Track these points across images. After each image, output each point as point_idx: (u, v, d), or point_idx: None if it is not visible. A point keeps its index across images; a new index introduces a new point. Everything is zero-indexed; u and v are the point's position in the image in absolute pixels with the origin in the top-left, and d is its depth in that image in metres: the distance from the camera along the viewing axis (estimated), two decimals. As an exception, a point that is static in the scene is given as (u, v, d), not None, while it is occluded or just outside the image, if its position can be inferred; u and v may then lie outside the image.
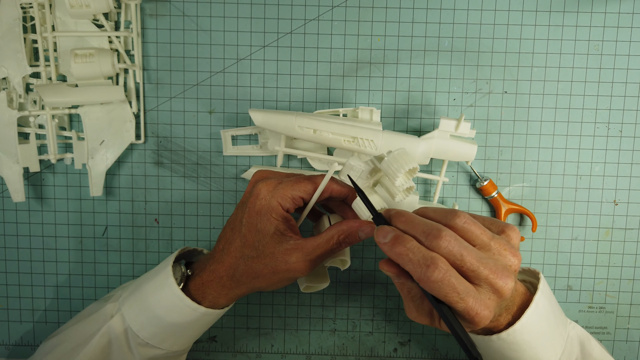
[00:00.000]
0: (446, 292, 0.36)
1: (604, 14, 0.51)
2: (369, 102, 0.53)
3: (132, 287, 0.46)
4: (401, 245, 0.37)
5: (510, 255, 0.38)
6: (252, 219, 0.42)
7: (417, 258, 0.36)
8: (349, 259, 0.45)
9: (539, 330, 0.40)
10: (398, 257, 0.37)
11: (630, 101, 0.52)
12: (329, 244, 0.42)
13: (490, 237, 0.38)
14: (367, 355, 0.56)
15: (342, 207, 0.46)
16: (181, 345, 0.46)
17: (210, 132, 0.53)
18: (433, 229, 0.37)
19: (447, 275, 0.35)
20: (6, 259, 0.55)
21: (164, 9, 0.52)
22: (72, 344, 0.45)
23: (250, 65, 0.52)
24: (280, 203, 0.41)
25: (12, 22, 0.50)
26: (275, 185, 0.42)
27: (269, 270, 0.42)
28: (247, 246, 0.42)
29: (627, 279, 0.54)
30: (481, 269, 0.36)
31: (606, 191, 0.53)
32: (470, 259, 0.36)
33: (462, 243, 0.37)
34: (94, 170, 0.51)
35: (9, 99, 0.50)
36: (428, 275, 0.35)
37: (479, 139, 0.53)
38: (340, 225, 0.42)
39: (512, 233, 0.40)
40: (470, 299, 0.36)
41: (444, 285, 0.35)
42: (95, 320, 0.45)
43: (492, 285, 0.37)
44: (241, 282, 0.43)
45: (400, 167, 0.39)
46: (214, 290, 0.44)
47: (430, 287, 0.36)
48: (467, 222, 0.38)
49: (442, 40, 0.52)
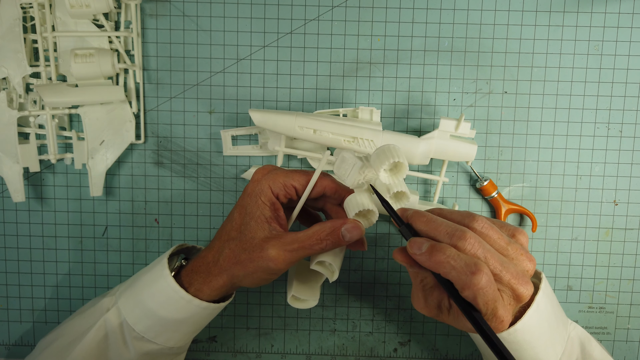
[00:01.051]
0: (486, 298, 0.35)
1: (604, 14, 0.51)
2: (369, 102, 0.53)
3: (129, 281, 0.46)
4: (440, 253, 0.35)
5: (527, 260, 0.38)
6: (243, 200, 0.42)
7: (460, 265, 0.35)
8: (339, 269, 0.42)
9: (539, 330, 0.40)
10: (439, 266, 0.36)
11: (630, 101, 0.52)
12: (309, 239, 0.40)
13: (507, 241, 0.38)
14: (367, 355, 0.56)
15: (340, 214, 0.44)
16: (176, 341, 0.45)
17: (210, 132, 0.53)
18: (457, 230, 0.36)
19: (490, 281, 0.35)
20: (6, 259, 0.55)
21: (164, 9, 0.52)
22: (69, 339, 0.45)
23: (250, 65, 0.52)
24: (270, 186, 0.41)
25: (12, 22, 0.50)
26: (269, 170, 0.42)
27: (247, 257, 0.41)
28: (234, 229, 0.42)
29: (627, 279, 0.54)
30: (504, 272, 0.36)
31: (606, 191, 0.53)
32: (494, 262, 0.36)
33: (485, 246, 0.36)
34: (94, 170, 0.51)
35: (9, 99, 0.50)
36: (475, 282, 0.34)
37: (479, 139, 0.53)
38: (325, 223, 0.40)
39: (523, 237, 0.39)
40: (500, 306, 0.36)
41: (488, 291, 0.35)
42: (92, 314, 0.45)
43: (514, 291, 0.36)
44: (223, 268, 0.42)
45: (384, 159, 0.38)
46: (200, 277, 0.43)
47: (474, 294, 0.35)
48: (486, 226, 0.37)
49: (442, 41, 0.52)
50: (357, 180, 0.40)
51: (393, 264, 0.55)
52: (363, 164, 0.40)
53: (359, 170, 0.39)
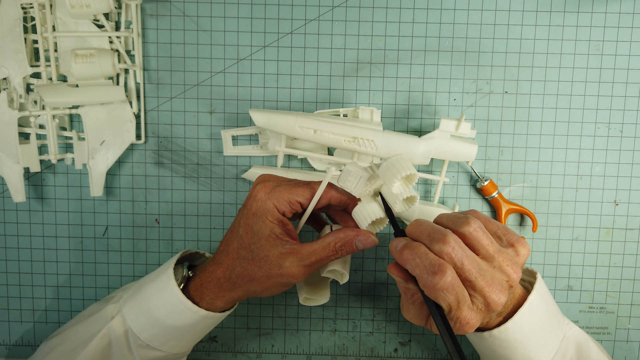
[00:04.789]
0: (448, 300, 0.36)
1: (604, 14, 0.51)
2: (369, 102, 0.53)
3: (133, 288, 0.46)
4: (409, 250, 0.37)
5: (511, 271, 0.38)
6: (248, 220, 0.42)
7: (424, 264, 0.36)
8: (348, 272, 0.44)
9: (531, 329, 0.41)
10: (406, 262, 0.37)
11: (631, 101, 0.52)
12: (324, 251, 0.41)
13: (497, 250, 0.38)
14: (368, 355, 0.56)
15: (344, 217, 0.45)
16: (182, 347, 0.46)
17: (211, 133, 0.53)
18: (438, 234, 0.37)
19: (452, 284, 0.35)
20: (7, 259, 0.55)
21: (165, 9, 0.52)
22: (72, 345, 0.45)
23: (251, 65, 0.52)
24: (276, 205, 0.41)
25: (13, 23, 0.50)
26: (272, 188, 0.42)
27: (263, 274, 0.41)
28: (244, 247, 0.42)
29: (627, 279, 0.54)
30: (479, 280, 0.37)
31: (607, 191, 0.53)
32: (470, 268, 0.36)
33: (465, 251, 0.37)
34: (94, 171, 0.51)
35: (10, 99, 0.50)
36: (434, 282, 0.35)
37: (480, 139, 0.53)
38: (337, 233, 0.41)
39: (522, 249, 0.39)
40: (465, 309, 0.37)
41: (448, 293, 0.36)
42: (96, 321, 0.45)
43: (485, 298, 0.37)
44: (237, 285, 0.43)
45: (397, 173, 0.39)
46: (212, 292, 0.44)
47: (435, 295, 0.36)
48: (476, 230, 0.38)
49: (442, 41, 0.52)
50: (365, 191, 0.41)
51: (393, 264, 0.55)
52: (369, 174, 0.40)
53: (366, 181, 0.40)
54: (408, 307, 0.41)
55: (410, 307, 0.41)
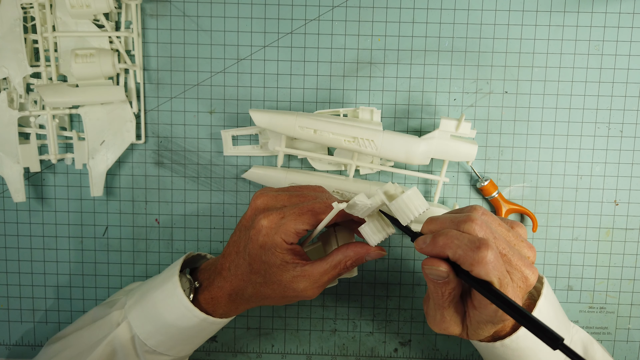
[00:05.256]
0: (497, 274, 0.34)
1: (604, 14, 0.51)
2: (369, 102, 0.53)
3: (137, 294, 0.46)
4: (443, 237, 0.35)
5: (526, 248, 0.38)
6: (255, 251, 0.41)
7: (464, 242, 0.34)
8: (356, 269, 0.44)
9: None
10: (445, 248, 0.35)
11: (631, 101, 0.52)
12: (336, 270, 0.41)
13: (507, 228, 0.38)
14: (368, 355, 0.56)
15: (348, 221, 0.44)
16: (188, 351, 0.47)
17: (211, 132, 0.53)
18: (461, 217, 0.36)
19: (498, 257, 0.34)
20: (7, 259, 0.55)
21: (165, 9, 0.52)
22: (76, 350, 0.45)
23: (251, 65, 0.52)
24: (284, 239, 0.40)
25: (13, 23, 0.50)
26: (277, 221, 0.40)
27: (278, 295, 0.42)
28: (254, 273, 0.41)
29: (627, 279, 0.54)
30: (512, 254, 0.36)
31: (607, 191, 0.53)
32: (502, 243, 0.35)
33: (492, 227, 0.36)
34: (94, 171, 0.51)
35: (10, 99, 0.50)
36: (482, 256, 0.33)
37: (480, 139, 0.53)
38: (347, 251, 0.41)
39: (521, 230, 0.39)
40: (509, 287, 0.35)
41: (497, 265, 0.34)
42: (101, 327, 0.45)
43: (522, 272, 0.36)
44: (250, 301, 0.44)
45: (412, 212, 0.37)
46: (225, 306, 0.44)
47: (485, 270, 0.33)
48: (485, 213, 0.38)
49: (442, 41, 0.52)
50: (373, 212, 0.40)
51: (393, 263, 0.55)
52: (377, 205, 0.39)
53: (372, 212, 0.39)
54: (442, 313, 0.38)
55: (445, 313, 0.38)
